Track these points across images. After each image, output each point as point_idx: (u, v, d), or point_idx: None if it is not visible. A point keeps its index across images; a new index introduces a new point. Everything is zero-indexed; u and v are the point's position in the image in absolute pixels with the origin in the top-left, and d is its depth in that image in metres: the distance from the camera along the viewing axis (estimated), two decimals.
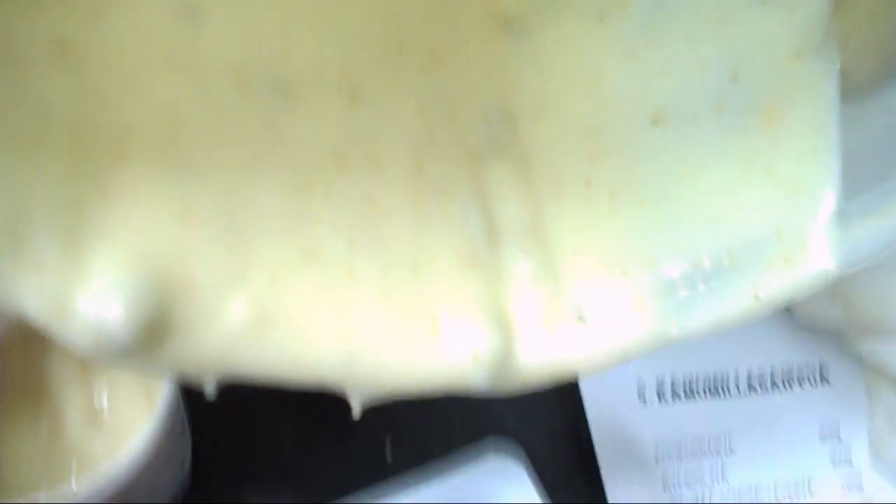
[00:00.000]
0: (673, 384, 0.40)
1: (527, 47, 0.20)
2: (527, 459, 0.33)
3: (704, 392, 0.41)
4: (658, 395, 0.40)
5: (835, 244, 0.22)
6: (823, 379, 0.42)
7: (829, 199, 0.22)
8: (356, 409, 0.21)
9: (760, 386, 0.41)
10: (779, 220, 0.22)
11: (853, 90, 0.21)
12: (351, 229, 0.20)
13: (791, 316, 0.43)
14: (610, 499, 0.36)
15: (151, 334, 0.17)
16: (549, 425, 0.36)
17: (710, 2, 0.20)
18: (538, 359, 0.21)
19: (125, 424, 0.31)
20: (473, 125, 0.22)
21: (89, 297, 0.17)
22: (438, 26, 0.20)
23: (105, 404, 0.32)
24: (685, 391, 0.40)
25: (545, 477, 0.33)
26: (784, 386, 0.42)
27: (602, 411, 0.39)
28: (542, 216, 0.23)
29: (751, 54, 0.20)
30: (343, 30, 0.19)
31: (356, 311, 0.20)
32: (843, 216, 0.22)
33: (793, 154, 0.21)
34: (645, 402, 0.40)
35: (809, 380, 0.42)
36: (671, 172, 0.22)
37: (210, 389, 0.19)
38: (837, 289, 0.40)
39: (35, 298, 0.17)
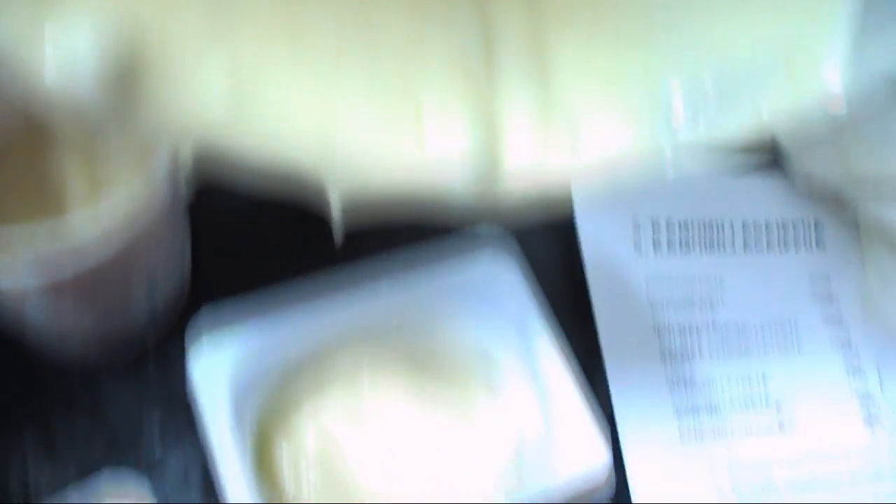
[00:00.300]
0: (668, 229, 0.40)
1: None
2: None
3: (700, 245, 0.41)
4: (654, 243, 0.40)
5: (843, 72, 0.21)
6: (819, 243, 0.42)
7: (844, 29, 0.21)
8: (336, 216, 0.21)
9: (756, 245, 0.42)
10: (792, 43, 0.21)
11: None
12: (342, 14, 0.20)
13: (788, 181, 0.43)
14: (602, 338, 0.36)
15: (121, 74, 0.17)
16: (546, 266, 0.35)
17: None
18: (524, 163, 0.21)
19: None
20: None
21: (59, 28, 0.17)
22: None
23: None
24: (680, 242, 0.40)
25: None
26: (779, 246, 0.42)
27: (598, 258, 0.39)
28: (543, 38, 0.23)
29: None
30: None
31: (339, 91, 0.19)
32: (853, 49, 0.21)
33: None
34: (640, 251, 0.40)
35: (805, 243, 0.42)
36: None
37: (185, 155, 0.19)
38: (837, 148, 0.40)
39: (8, 28, 0.17)
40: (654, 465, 0.35)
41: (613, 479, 0.28)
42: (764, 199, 0.44)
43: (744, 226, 0.42)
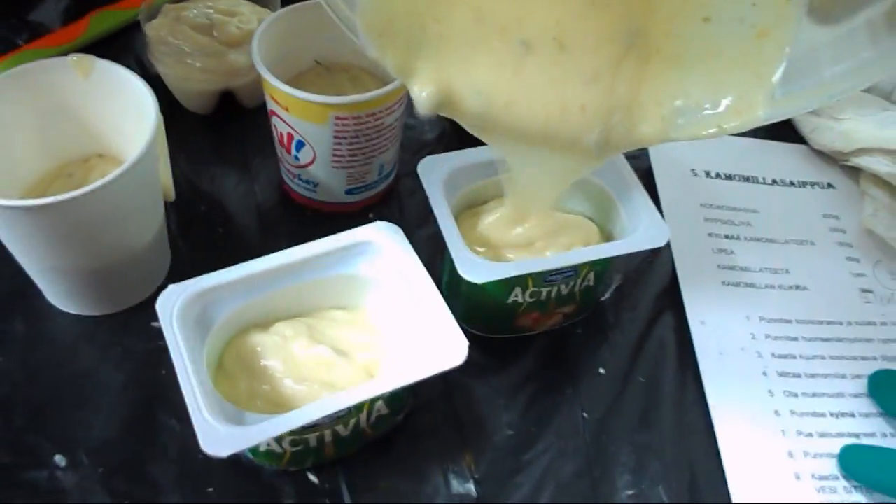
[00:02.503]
0: (717, 173, 0.56)
1: None
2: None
3: (739, 178, 0.56)
4: (706, 173, 0.56)
5: (767, 108, 0.36)
6: (829, 185, 0.57)
7: (771, 85, 0.36)
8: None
9: (781, 182, 0.57)
10: (742, 90, 0.37)
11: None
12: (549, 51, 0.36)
13: (808, 147, 0.59)
14: (665, 213, 0.51)
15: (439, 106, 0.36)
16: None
17: None
18: (620, 136, 0.37)
19: None
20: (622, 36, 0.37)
21: (414, 85, 0.36)
22: None
23: None
24: (725, 176, 0.56)
25: None
26: (799, 185, 0.57)
27: (665, 177, 0.55)
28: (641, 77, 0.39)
29: None
30: None
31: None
32: (775, 95, 0.37)
33: (764, 58, 0.37)
34: (696, 175, 0.56)
35: (819, 185, 0.57)
36: (701, 52, 0.37)
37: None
38: (841, 129, 0.56)
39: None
40: (705, 301, 0.49)
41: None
42: (789, 162, 0.59)
43: (773, 182, 0.57)
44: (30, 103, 0.43)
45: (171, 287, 0.37)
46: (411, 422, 0.42)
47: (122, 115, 0.44)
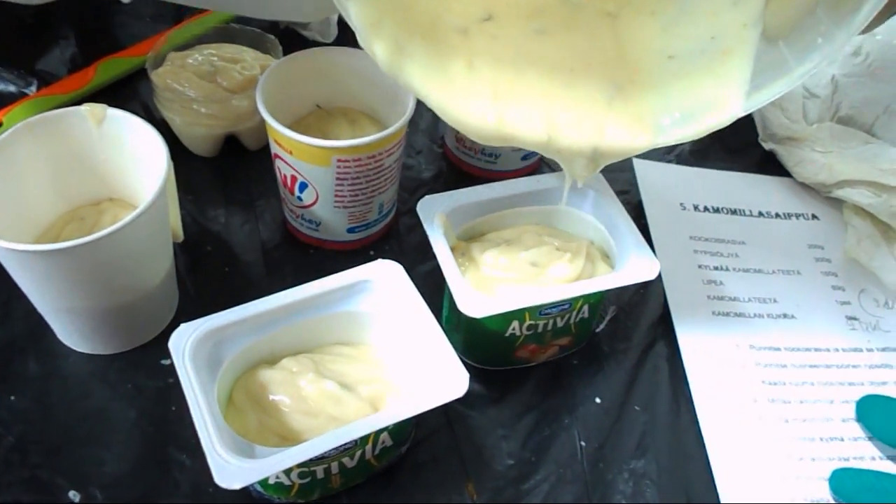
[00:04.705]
0: (704, 206, 0.58)
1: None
2: None
3: (726, 211, 0.58)
4: (694, 206, 0.58)
5: (742, 104, 0.40)
6: (814, 216, 0.59)
7: (742, 85, 0.40)
8: None
9: (766, 214, 0.59)
10: (717, 96, 0.40)
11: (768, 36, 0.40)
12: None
13: (793, 179, 0.61)
14: (655, 246, 0.53)
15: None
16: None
17: (706, 4, 0.40)
18: (613, 142, 0.40)
19: None
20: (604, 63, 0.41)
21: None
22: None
23: None
24: (713, 209, 0.58)
25: None
26: (784, 217, 0.59)
27: (655, 212, 0.57)
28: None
29: (724, 26, 0.40)
30: None
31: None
32: (748, 92, 0.40)
33: (732, 70, 0.40)
34: (685, 209, 0.57)
35: (804, 216, 0.59)
36: (672, 79, 0.41)
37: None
38: (824, 162, 0.58)
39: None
40: (696, 331, 0.50)
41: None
42: (775, 194, 0.61)
43: (760, 214, 0.59)
44: (45, 150, 0.45)
45: (182, 326, 0.39)
46: (414, 453, 0.44)
47: (133, 161, 0.46)
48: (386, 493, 0.42)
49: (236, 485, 0.34)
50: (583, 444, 0.45)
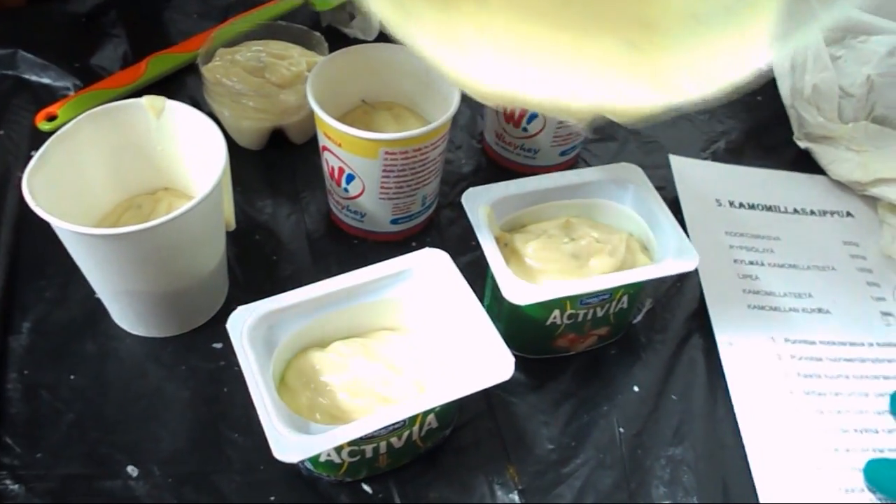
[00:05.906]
0: (740, 202, 0.59)
1: None
2: None
3: (761, 208, 0.59)
4: (729, 203, 0.59)
5: (769, 54, 0.40)
6: (849, 214, 0.60)
7: (768, 35, 0.40)
8: None
9: (802, 211, 0.59)
10: (739, 51, 0.40)
11: None
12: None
13: (827, 177, 0.62)
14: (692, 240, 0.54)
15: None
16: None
17: None
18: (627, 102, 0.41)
19: None
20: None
21: None
22: None
23: None
24: (748, 206, 0.59)
25: None
26: (819, 214, 0.60)
27: (691, 207, 0.58)
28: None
29: None
30: None
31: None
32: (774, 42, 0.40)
33: (759, 24, 0.39)
34: (721, 205, 0.58)
35: (839, 213, 0.60)
36: (692, 38, 0.41)
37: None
38: (859, 160, 0.59)
39: None
40: (732, 324, 0.51)
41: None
42: (810, 192, 0.62)
43: (794, 211, 0.60)
44: (106, 140, 0.47)
45: (239, 308, 0.40)
46: (457, 436, 0.45)
47: (189, 152, 0.48)
48: (430, 473, 0.44)
49: (293, 458, 0.35)
50: (621, 430, 0.46)
